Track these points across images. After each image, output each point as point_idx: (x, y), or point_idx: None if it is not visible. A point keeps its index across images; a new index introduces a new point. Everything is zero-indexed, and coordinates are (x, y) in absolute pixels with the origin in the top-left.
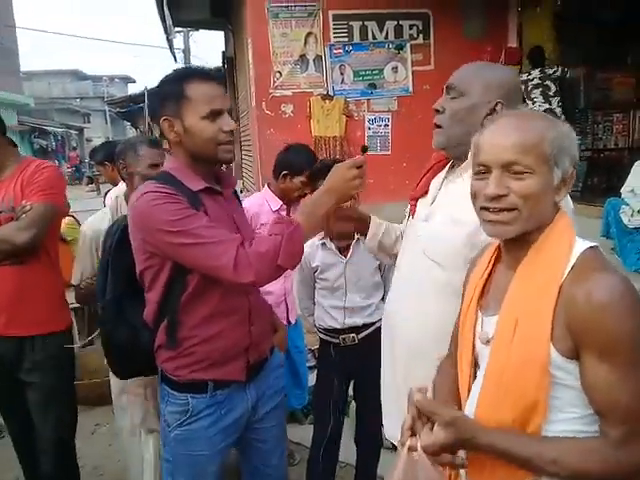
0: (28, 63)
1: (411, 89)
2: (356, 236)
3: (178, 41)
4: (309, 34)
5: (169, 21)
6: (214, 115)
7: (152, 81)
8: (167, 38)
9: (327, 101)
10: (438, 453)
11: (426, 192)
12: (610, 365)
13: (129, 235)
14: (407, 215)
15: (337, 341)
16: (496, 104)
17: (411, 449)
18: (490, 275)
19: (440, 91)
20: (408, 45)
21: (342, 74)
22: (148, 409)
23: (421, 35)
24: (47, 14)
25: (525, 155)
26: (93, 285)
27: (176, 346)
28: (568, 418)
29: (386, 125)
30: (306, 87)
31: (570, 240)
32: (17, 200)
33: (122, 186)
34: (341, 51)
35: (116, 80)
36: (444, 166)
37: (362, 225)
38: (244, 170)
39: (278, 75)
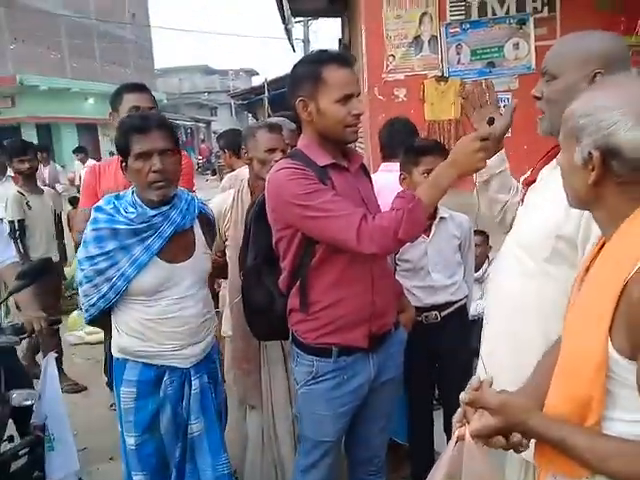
0: (161, 60)
1: (534, 66)
2: (437, 216)
3: (298, 31)
4: (424, 14)
5: (287, 11)
6: (346, 99)
7: (274, 72)
8: (285, 28)
9: (442, 83)
10: (488, 437)
11: (535, 179)
12: None
13: (266, 210)
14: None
15: (419, 319)
16: (594, 75)
17: (460, 438)
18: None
19: None
20: (531, 19)
21: (458, 54)
22: (248, 385)
23: (546, 8)
24: (178, 13)
25: None
26: (221, 259)
27: (306, 309)
28: (633, 419)
29: (506, 105)
30: (420, 69)
31: None
32: None
33: (239, 171)
34: (458, 30)
35: (241, 73)
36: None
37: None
38: None
39: (391, 58)
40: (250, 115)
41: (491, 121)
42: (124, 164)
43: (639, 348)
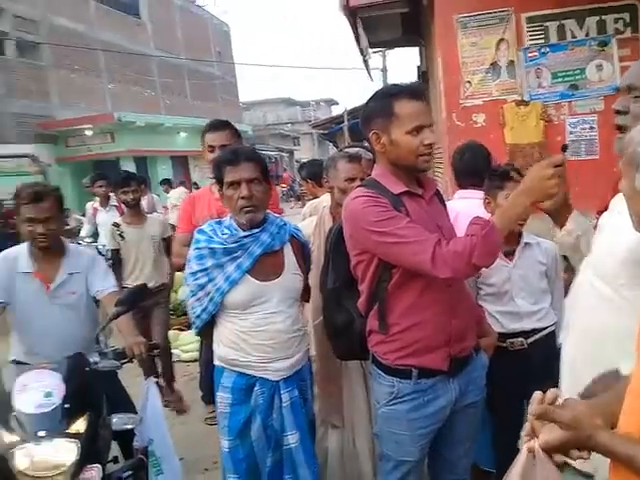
0: (246, 94)
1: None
2: (522, 241)
3: (377, 61)
4: (500, 40)
5: (364, 43)
6: (417, 130)
7: (353, 101)
8: (363, 60)
9: (522, 107)
10: (556, 451)
11: (608, 205)
12: None
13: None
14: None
15: (504, 345)
16: None
17: (530, 450)
18: None
19: None
20: (614, 40)
21: (538, 77)
22: (331, 405)
23: (629, 28)
24: (259, 50)
25: None
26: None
27: (386, 331)
28: None
29: (591, 127)
30: (498, 94)
31: None
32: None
33: (321, 198)
34: (536, 54)
35: (321, 103)
36: None
37: (564, 209)
38: (436, 182)
39: (468, 85)
40: (331, 144)
41: (564, 148)
42: (221, 193)
43: None
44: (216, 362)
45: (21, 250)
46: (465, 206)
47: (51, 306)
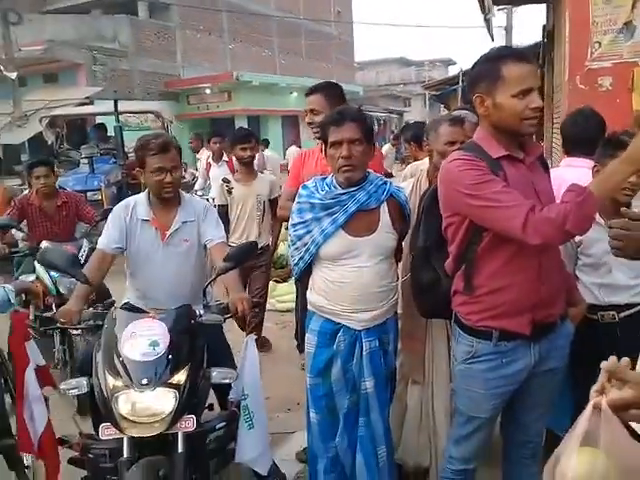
0: (362, 54)
1: None
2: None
3: (500, 19)
4: None
5: (488, 1)
6: (524, 93)
7: (470, 62)
8: (485, 18)
9: None
10: (624, 409)
11: None
12: None
13: (438, 197)
14: None
15: (595, 317)
16: None
17: (596, 406)
18: None
19: None
20: None
21: None
22: (413, 361)
23: None
24: (378, 8)
25: None
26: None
27: (470, 292)
28: None
29: None
30: (629, 57)
31: None
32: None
33: (423, 160)
34: None
35: (437, 64)
36: None
37: None
38: (553, 149)
39: (597, 46)
40: (442, 106)
41: None
42: (326, 151)
43: None
44: (309, 307)
45: (140, 199)
46: (573, 174)
47: (165, 253)
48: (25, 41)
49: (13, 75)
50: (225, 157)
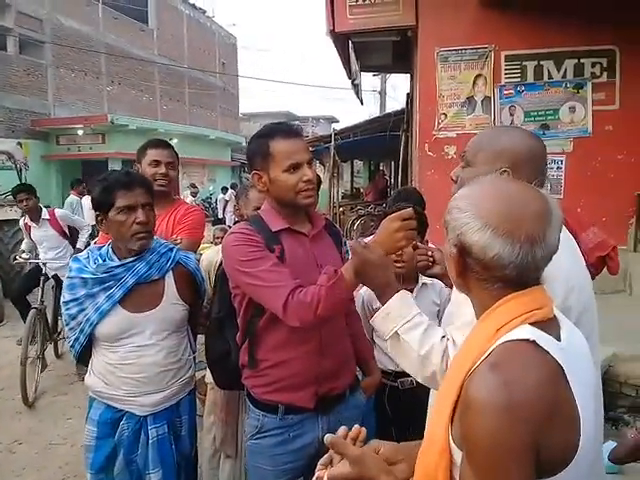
0: (247, 106)
1: (590, 130)
2: (420, 281)
3: (376, 83)
4: (478, 76)
5: (355, 66)
6: (294, 167)
7: (352, 120)
8: (352, 82)
9: None
10: None
11: None
12: (469, 464)
13: None
14: None
15: (395, 384)
16: (502, 171)
17: (318, 479)
18: None
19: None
20: (589, 84)
21: (512, 115)
22: (227, 434)
23: (605, 73)
24: (264, 63)
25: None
26: (206, 309)
27: (254, 366)
28: None
29: (559, 168)
30: (471, 129)
31: (497, 326)
32: (167, 235)
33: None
34: (512, 92)
35: (321, 120)
36: None
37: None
38: None
39: (443, 117)
40: (318, 162)
41: (414, 205)
42: (100, 217)
43: (464, 440)
44: (89, 393)
45: None
46: None
47: None
48: None
49: None
50: (45, 215)
